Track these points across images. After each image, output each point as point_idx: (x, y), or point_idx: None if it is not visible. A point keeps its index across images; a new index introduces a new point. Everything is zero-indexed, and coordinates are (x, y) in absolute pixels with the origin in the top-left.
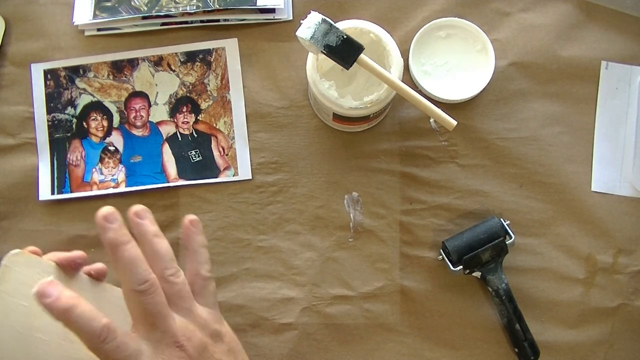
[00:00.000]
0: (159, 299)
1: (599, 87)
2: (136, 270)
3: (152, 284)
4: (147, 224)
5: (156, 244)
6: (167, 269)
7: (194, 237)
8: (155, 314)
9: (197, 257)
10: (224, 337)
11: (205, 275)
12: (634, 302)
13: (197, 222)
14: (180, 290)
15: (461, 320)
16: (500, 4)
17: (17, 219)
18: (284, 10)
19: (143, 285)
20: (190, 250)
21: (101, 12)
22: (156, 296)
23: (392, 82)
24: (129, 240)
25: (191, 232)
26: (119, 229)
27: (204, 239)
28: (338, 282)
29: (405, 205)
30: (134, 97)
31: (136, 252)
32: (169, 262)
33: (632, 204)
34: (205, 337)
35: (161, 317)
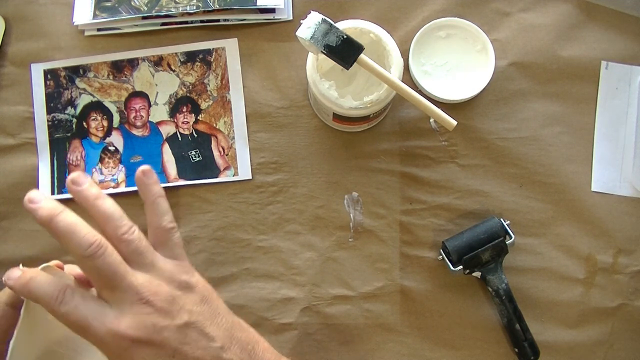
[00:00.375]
0: (111, 259)
1: (599, 87)
2: (77, 236)
3: (98, 244)
4: (85, 189)
5: (100, 206)
6: (118, 227)
7: (149, 188)
8: (112, 274)
9: (156, 208)
10: (194, 287)
11: (166, 227)
12: (634, 302)
13: (150, 171)
14: (137, 247)
15: (461, 320)
16: (500, 4)
17: (17, 219)
18: (284, 10)
19: (89, 249)
20: (148, 202)
21: (101, 12)
22: (107, 257)
23: (392, 82)
24: (61, 211)
25: (145, 184)
26: (45, 205)
27: (160, 188)
28: (338, 282)
29: (405, 205)
30: (134, 97)
31: (71, 219)
32: (119, 220)
33: (632, 204)
34: (173, 289)
35: (119, 277)
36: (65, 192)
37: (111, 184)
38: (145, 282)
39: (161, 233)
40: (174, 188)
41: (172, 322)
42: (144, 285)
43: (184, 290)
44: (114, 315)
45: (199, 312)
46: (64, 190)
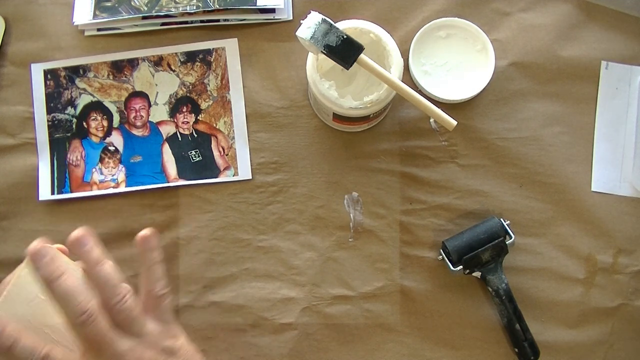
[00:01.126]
0: (100, 327)
1: (599, 87)
2: (73, 302)
3: (90, 313)
4: (87, 251)
5: (99, 272)
6: (113, 296)
7: (146, 254)
8: (99, 341)
9: (151, 275)
10: (177, 351)
11: (158, 293)
12: (634, 302)
13: (150, 237)
14: (128, 316)
15: (461, 320)
16: (500, 4)
17: (17, 219)
18: (284, 10)
19: (82, 316)
20: (144, 267)
21: (101, 12)
22: (97, 324)
23: (392, 82)
24: (62, 273)
25: (144, 250)
26: (50, 264)
27: (157, 255)
28: (338, 282)
29: (405, 205)
30: (134, 97)
31: (69, 284)
32: (113, 288)
33: (632, 204)
34: (157, 355)
35: (105, 343)
36: (65, 192)
37: (111, 184)
38: (130, 348)
39: (153, 299)
40: (174, 188)
41: None
42: (128, 352)
43: (167, 355)
44: None
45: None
46: (64, 191)
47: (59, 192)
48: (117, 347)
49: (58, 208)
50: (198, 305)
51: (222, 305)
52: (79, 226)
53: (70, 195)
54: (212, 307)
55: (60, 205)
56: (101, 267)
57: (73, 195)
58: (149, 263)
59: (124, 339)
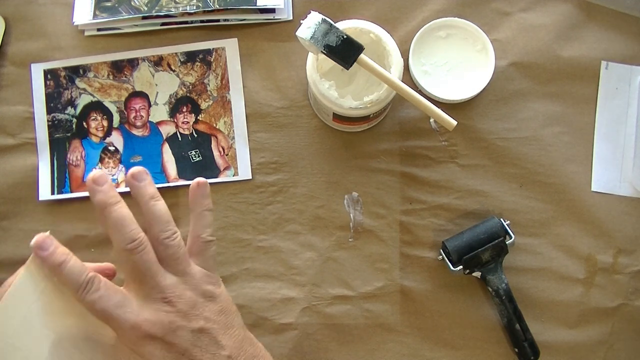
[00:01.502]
0: (148, 257)
1: (599, 87)
2: (124, 230)
3: (140, 241)
4: (144, 186)
5: (153, 206)
6: (163, 231)
7: (199, 200)
8: (144, 271)
9: (201, 220)
10: (217, 297)
11: (206, 239)
12: (634, 302)
13: (205, 184)
14: (174, 252)
15: (461, 320)
16: (500, 4)
17: (17, 219)
18: (284, 10)
19: (131, 244)
20: (195, 213)
21: (101, 12)
22: (144, 254)
23: (392, 82)
24: (118, 201)
25: (197, 195)
26: (107, 191)
27: (209, 202)
28: (338, 282)
29: (405, 205)
30: (134, 97)
31: (124, 213)
32: (165, 224)
33: (632, 204)
34: (197, 296)
35: (150, 274)
36: (65, 192)
37: None
38: (172, 284)
39: (200, 244)
40: (174, 188)
41: (188, 324)
42: (170, 287)
43: (207, 299)
44: (135, 308)
45: (216, 320)
46: (64, 191)
47: (59, 192)
48: (160, 281)
49: (58, 208)
50: None
51: None
52: (78, 226)
53: (70, 195)
54: None
55: (60, 205)
56: (156, 202)
57: (73, 195)
58: (200, 209)
59: (168, 274)
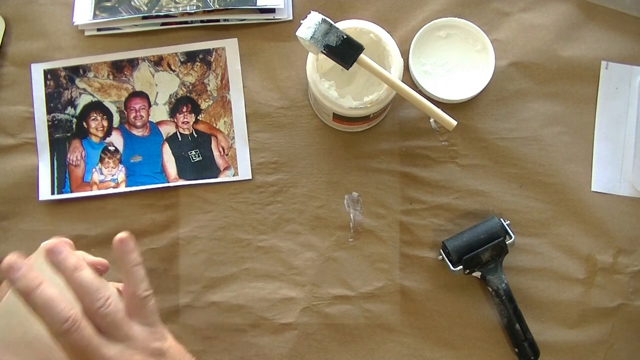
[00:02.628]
0: (85, 333)
1: (599, 87)
2: (54, 311)
3: (73, 319)
4: (64, 259)
5: (77, 278)
6: (95, 300)
7: (125, 257)
8: (85, 348)
9: (132, 277)
10: (166, 353)
11: (142, 295)
12: (634, 302)
13: (127, 240)
14: (112, 319)
15: (461, 320)
16: (500, 4)
17: (17, 219)
18: (284, 10)
19: (65, 324)
20: (124, 271)
21: (101, 12)
22: (81, 331)
23: (392, 82)
24: (39, 283)
25: (122, 253)
26: (26, 275)
27: (136, 256)
28: (338, 282)
29: (405, 205)
30: (134, 97)
31: (49, 294)
32: (95, 293)
33: (632, 204)
34: (146, 357)
35: (92, 350)
36: (65, 192)
37: (111, 184)
38: (118, 353)
39: (137, 301)
40: (174, 188)
41: None
42: (116, 356)
43: (156, 358)
44: None
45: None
46: (64, 191)
47: (59, 192)
48: (105, 353)
49: (58, 208)
50: (198, 305)
51: (222, 305)
52: (78, 226)
53: (70, 195)
54: (212, 307)
55: (60, 205)
56: (79, 273)
57: (73, 195)
58: (129, 265)
59: (111, 344)
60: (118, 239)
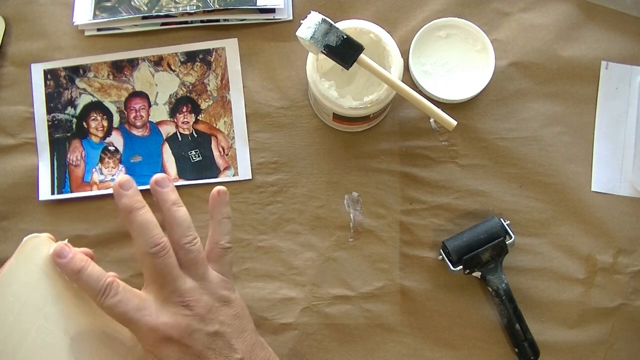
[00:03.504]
0: (169, 261)
1: (599, 87)
2: (148, 234)
3: (163, 246)
4: (166, 192)
5: (175, 212)
6: (184, 236)
7: (219, 207)
8: (166, 274)
9: (220, 227)
10: (232, 302)
11: (224, 246)
12: (634, 302)
13: (225, 192)
14: (194, 257)
15: (461, 320)
16: (500, 4)
17: (17, 219)
18: (284, 10)
19: (154, 248)
20: (215, 220)
21: (101, 12)
22: (166, 258)
23: (392, 82)
24: (142, 206)
25: (217, 203)
26: (132, 195)
27: (229, 210)
28: (338, 282)
29: (405, 205)
30: (134, 97)
31: (148, 217)
32: (186, 229)
33: (632, 204)
34: (213, 301)
35: (170, 278)
36: (65, 192)
37: (111, 184)
38: (191, 288)
39: (218, 250)
40: None
41: (204, 328)
42: (189, 291)
43: (222, 304)
44: (154, 311)
45: (230, 324)
46: (64, 191)
47: (59, 192)
48: (180, 285)
49: (58, 208)
50: None
51: None
52: (78, 226)
53: (70, 195)
54: None
55: (60, 205)
56: (178, 208)
57: (73, 195)
58: (220, 216)
59: (188, 278)
60: (216, 190)
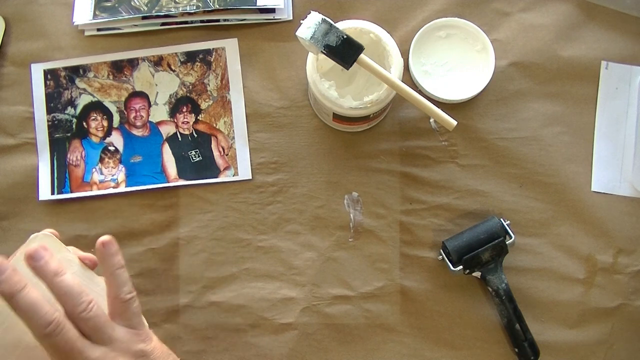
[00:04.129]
0: (69, 335)
1: (599, 87)
2: (37, 314)
3: (57, 322)
4: (44, 264)
5: (59, 283)
6: (77, 305)
7: (108, 260)
8: (69, 350)
9: (116, 280)
10: (150, 354)
11: (125, 298)
12: (634, 302)
13: (110, 243)
14: (95, 323)
15: (461, 320)
16: (500, 4)
17: (17, 219)
18: (284, 10)
19: (49, 327)
20: (107, 274)
21: (101, 12)
22: (65, 334)
23: (392, 82)
24: (23, 287)
25: (105, 255)
26: (10, 278)
27: (119, 259)
28: (338, 282)
29: (405, 205)
30: (134, 97)
31: (33, 297)
32: (77, 297)
33: (632, 204)
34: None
35: (76, 352)
36: (65, 192)
37: (111, 184)
38: (101, 355)
39: (120, 304)
40: (174, 188)
41: None
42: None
43: (140, 359)
44: None
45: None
46: (64, 191)
47: (59, 192)
48: (89, 355)
49: (58, 208)
50: (198, 305)
51: (222, 305)
52: (78, 226)
53: (70, 195)
54: (212, 307)
55: (60, 205)
56: (60, 278)
57: (73, 195)
58: (112, 268)
59: (95, 346)
60: (100, 242)
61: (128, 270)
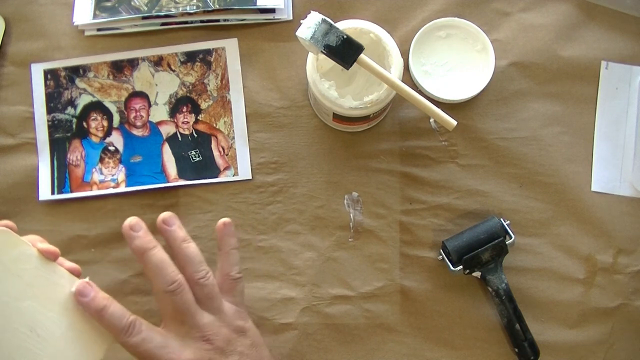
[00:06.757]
0: (187, 297)
1: (599, 87)
2: (164, 272)
3: (179, 284)
4: (174, 230)
5: (185, 249)
6: (197, 272)
7: (226, 239)
8: (184, 311)
9: (229, 258)
10: (248, 332)
11: (235, 277)
12: (634, 302)
13: (230, 224)
14: (209, 291)
15: (461, 320)
16: (500, 4)
17: (17, 219)
18: (284, 10)
19: (171, 285)
20: (223, 252)
21: (101, 12)
22: (184, 295)
23: (392, 82)
24: (155, 246)
25: (224, 235)
26: (144, 236)
27: (235, 241)
28: (338, 282)
29: (405, 205)
30: (134, 97)
31: (162, 256)
32: (198, 265)
33: (632, 204)
34: (231, 332)
35: (189, 314)
36: (65, 192)
37: (111, 184)
38: (209, 322)
39: (229, 281)
40: (174, 188)
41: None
42: (208, 326)
43: (239, 334)
44: (177, 348)
45: (248, 354)
46: (64, 191)
47: (59, 192)
48: (199, 320)
49: (58, 208)
50: None
51: None
52: (78, 226)
53: (70, 195)
54: None
55: (60, 205)
56: (187, 244)
57: (73, 195)
58: (228, 247)
59: (205, 313)
60: (222, 222)
61: (128, 270)
